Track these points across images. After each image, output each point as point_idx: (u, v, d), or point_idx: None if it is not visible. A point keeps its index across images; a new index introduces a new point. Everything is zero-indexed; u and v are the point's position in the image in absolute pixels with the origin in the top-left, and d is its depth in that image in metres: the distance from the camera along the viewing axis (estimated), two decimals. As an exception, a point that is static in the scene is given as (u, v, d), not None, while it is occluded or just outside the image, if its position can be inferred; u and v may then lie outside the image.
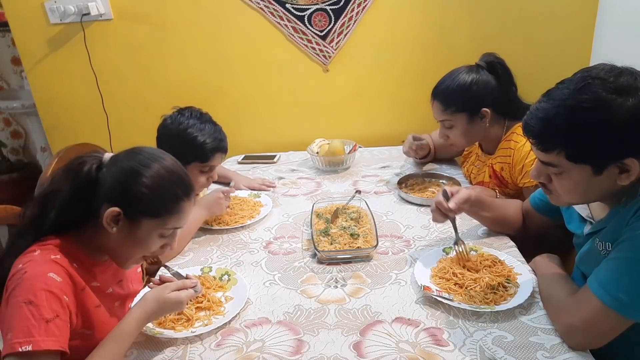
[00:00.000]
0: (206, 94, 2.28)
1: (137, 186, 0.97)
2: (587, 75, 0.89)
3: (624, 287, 0.86)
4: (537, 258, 1.22)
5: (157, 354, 1.03)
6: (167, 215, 1.01)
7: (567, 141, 0.89)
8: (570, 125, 0.88)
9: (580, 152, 0.89)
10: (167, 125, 1.51)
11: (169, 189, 1.00)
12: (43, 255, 0.95)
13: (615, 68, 0.89)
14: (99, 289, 1.05)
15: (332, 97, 2.28)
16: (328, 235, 1.40)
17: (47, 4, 2.16)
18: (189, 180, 1.05)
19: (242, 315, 1.13)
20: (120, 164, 0.99)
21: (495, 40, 2.09)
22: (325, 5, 2.11)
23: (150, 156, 1.01)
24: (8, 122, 3.61)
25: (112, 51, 2.24)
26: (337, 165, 1.95)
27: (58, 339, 0.89)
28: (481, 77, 1.53)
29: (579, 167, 0.90)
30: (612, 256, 0.92)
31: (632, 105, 0.84)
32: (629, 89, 0.85)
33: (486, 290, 1.12)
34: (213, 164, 1.52)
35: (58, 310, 0.91)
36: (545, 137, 0.93)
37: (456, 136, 1.60)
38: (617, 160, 0.87)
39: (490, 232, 1.40)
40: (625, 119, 0.84)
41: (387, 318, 1.08)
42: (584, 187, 0.93)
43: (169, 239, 1.05)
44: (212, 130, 1.51)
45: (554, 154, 0.92)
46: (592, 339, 0.92)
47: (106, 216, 0.96)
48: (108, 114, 2.32)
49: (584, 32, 2.09)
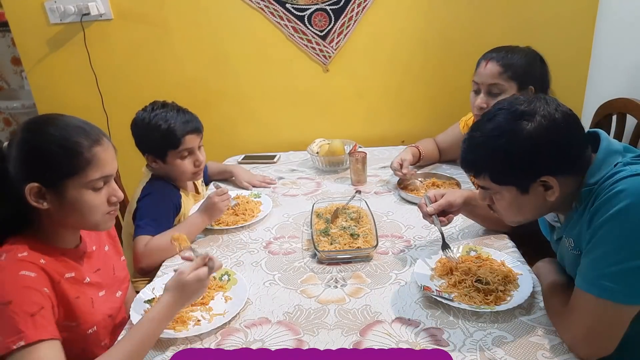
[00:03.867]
0: (206, 94, 2.28)
1: (40, 153, 0.95)
2: (497, 106, 1.00)
3: (607, 276, 0.88)
4: (538, 263, 1.22)
5: (157, 354, 1.03)
6: (86, 168, 0.97)
7: (487, 166, 0.99)
8: (485, 152, 0.98)
9: (500, 174, 0.98)
10: (134, 126, 1.53)
11: (70, 143, 0.96)
12: (9, 257, 0.94)
13: (521, 97, 0.98)
14: (74, 279, 1.04)
15: (332, 97, 2.28)
16: (328, 235, 1.40)
17: (47, 4, 2.16)
18: (90, 127, 1.02)
19: (242, 315, 1.13)
20: (17, 141, 0.96)
21: (495, 40, 2.08)
22: (325, 5, 2.11)
23: (38, 124, 0.99)
24: (8, 122, 3.62)
25: (112, 51, 2.24)
26: (337, 165, 1.95)
27: (48, 329, 0.89)
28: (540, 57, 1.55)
29: (505, 188, 0.99)
30: (587, 251, 0.93)
31: (531, 129, 0.92)
32: (529, 114, 0.93)
33: (477, 285, 1.12)
34: (188, 147, 1.51)
35: (40, 301, 0.90)
36: (471, 164, 1.04)
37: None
38: (535, 179, 0.95)
39: (490, 232, 1.40)
40: (527, 141, 0.92)
41: (387, 318, 1.09)
42: (517, 205, 1.01)
43: (106, 189, 1.02)
44: (175, 115, 1.49)
45: (481, 178, 1.01)
46: (598, 343, 0.91)
47: (29, 195, 0.94)
48: (108, 114, 2.32)
49: (584, 32, 2.09)
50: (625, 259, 0.86)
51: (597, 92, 2.12)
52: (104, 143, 1.02)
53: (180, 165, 1.52)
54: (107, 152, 1.02)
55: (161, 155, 1.51)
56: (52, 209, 0.97)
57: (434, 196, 1.30)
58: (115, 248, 1.25)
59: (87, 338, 1.05)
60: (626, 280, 0.86)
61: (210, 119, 2.33)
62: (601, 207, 0.90)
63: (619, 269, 0.87)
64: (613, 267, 0.87)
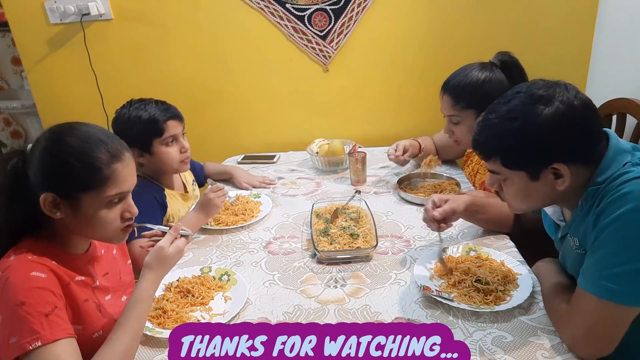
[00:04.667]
0: (206, 94, 2.28)
1: (59, 165, 0.93)
2: (515, 89, 0.99)
3: (610, 277, 0.88)
4: (538, 263, 1.21)
5: (158, 354, 1.03)
6: (103, 184, 0.95)
7: (498, 149, 0.98)
8: (499, 134, 0.97)
9: (511, 158, 0.97)
10: (114, 124, 1.53)
11: (91, 157, 0.94)
12: (19, 258, 0.93)
13: (542, 81, 0.97)
14: (84, 283, 1.03)
15: (332, 97, 2.29)
16: (328, 235, 1.40)
17: (47, 4, 2.16)
18: (113, 141, 0.99)
19: (241, 315, 1.13)
20: (38, 149, 0.95)
21: (495, 40, 2.09)
22: (325, 5, 2.11)
23: (60, 133, 0.96)
24: (8, 122, 3.62)
25: (112, 51, 2.25)
26: (337, 165, 1.95)
27: (63, 327, 0.89)
28: (494, 76, 1.49)
29: (515, 173, 0.98)
30: (591, 252, 0.93)
31: (548, 114, 0.91)
32: (548, 98, 0.92)
33: (476, 285, 1.12)
34: (172, 133, 1.52)
35: (53, 301, 0.90)
36: (482, 146, 1.02)
37: (462, 133, 1.56)
38: (547, 166, 0.94)
39: (490, 232, 1.40)
40: (543, 126, 0.91)
41: (387, 318, 1.08)
42: (525, 192, 1.00)
43: (122, 206, 1.01)
44: (155, 105, 1.52)
45: (492, 162, 1.00)
46: (598, 343, 0.91)
47: (43, 204, 0.94)
48: (108, 114, 2.32)
49: (584, 32, 2.09)
50: (629, 261, 0.86)
51: (597, 92, 2.12)
52: (125, 159, 0.99)
53: (166, 153, 1.52)
54: (127, 169, 1.00)
55: (146, 146, 1.51)
56: (66, 219, 0.97)
57: (438, 200, 1.29)
58: (123, 252, 1.24)
59: (93, 342, 1.04)
60: (629, 282, 0.86)
61: (209, 119, 2.34)
62: (607, 207, 0.89)
63: (622, 271, 0.87)
64: (616, 268, 0.87)
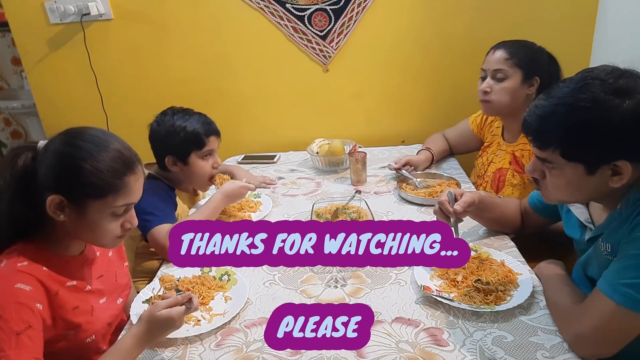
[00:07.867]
0: (206, 94, 2.28)
1: (73, 169, 0.93)
2: (587, 75, 0.90)
3: (634, 286, 0.86)
4: (541, 264, 1.20)
5: (157, 354, 1.03)
6: (113, 194, 0.95)
7: (562, 139, 0.90)
8: (566, 123, 0.89)
9: (574, 150, 0.90)
10: (155, 129, 1.54)
11: (106, 166, 0.94)
12: (8, 265, 0.92)
13: (617, 70, 0.89)
14: (76, 287, 1.02)
15: (332, 97, 2.28)
16: (328, 235, 1.40)
17: (47, 4, 2.16)
18: (129, 153, 0.99)
19: (241, 315, 1.13)
20: (53, 150, 0.94)
21: (495, 40, 2.08)
22: (325, 5, 2.11)
23: (78, 138, 0.96)
24: (8, 122, 3.62)
25: (112, 51, 2.25)
26: (337, 165, 1.95)
27: (31, 350, 0.87)
28: (549, 54, 1.59)
29: (572, 165, 0.91)
30: (619, 258, 0.91)
31: (629, 107, 0.84)
32: (628, 90, 0.85)
33: (477, 285, 1.12)
34: (211, 147, 1.55)
35: (29, 320, 0.89)
36: (541, 134, 0.94)
37: (502, 91, 1.56)
38: (610, 162, 0.88)
39: (490, 232, 1.40)
40: (621, 120, 0.84)
41: (387, 318, 1.08)
42: (575, 185, 0.94)
43: (124, 217, 1.01)
44: (198, 118, 1.55)
45: (549, 151, 0.93)
46: (602, 346, 0.91)
47: (49, 205, 0.93)
48: (108, 114, 2.32)
49: (584, 32, 2.09)
50: None
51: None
52: (138, 171, 1.00)
53: (201, 166, 1.55)
54: (138, 182, 1.00)
55: (184, 156, 1.53)
56: (68, 222, 0.97)
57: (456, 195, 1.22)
58: (120, 254, 1.24)
59: (85, 347, 1.04)
60: None
61: (210, 119, 2.34)
62: None
63: None
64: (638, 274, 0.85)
